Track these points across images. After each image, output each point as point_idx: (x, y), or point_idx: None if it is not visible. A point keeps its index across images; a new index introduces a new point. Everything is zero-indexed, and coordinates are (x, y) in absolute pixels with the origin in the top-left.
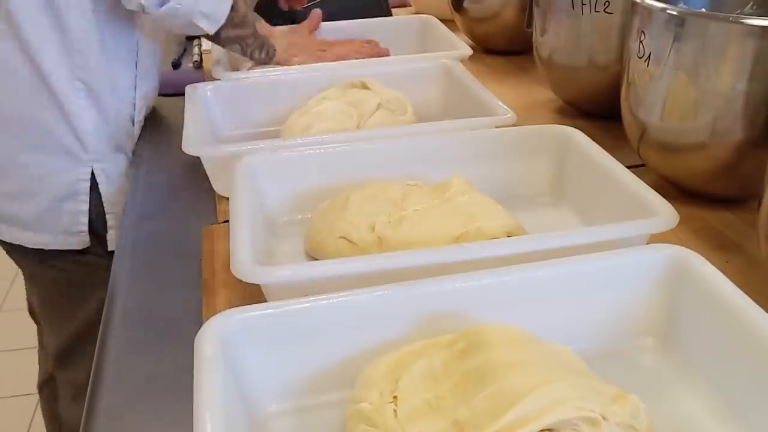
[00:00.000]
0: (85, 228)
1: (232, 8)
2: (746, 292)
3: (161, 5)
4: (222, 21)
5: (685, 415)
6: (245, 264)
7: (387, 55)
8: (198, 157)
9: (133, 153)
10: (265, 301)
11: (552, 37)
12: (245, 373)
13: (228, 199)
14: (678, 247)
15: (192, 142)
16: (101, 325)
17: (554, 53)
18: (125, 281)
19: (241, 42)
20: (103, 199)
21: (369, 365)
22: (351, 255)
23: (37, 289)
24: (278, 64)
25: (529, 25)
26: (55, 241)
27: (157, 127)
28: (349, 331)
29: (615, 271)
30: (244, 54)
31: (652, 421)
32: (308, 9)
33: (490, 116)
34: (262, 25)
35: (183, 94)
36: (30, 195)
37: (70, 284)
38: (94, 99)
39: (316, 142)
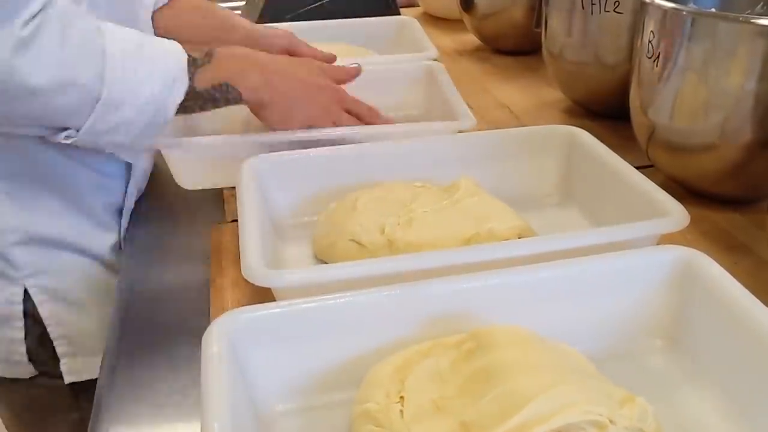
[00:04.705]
0: (24, 358)
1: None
2: (755, 294)
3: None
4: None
5: (693, 417)
6: (257, 268)
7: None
8: None
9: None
10: (273, 300)
11: (561, 37)
12: (252, 372)
13: (226, 196)
14: (687, 248)
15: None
16: (110, 325)
17: (563, 53)
18: (133, 280)
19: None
20: (47, 323)
21: (376, 365)
22: (361, 257)
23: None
24: (254, 112)
25: (538, 24)
26: None
27: None
28: (356, 330)
29: (624, 273)
30: (203, 110)
31: (660, 424)
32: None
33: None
34: (232, 53)
35: None
36: None
37: (28, 409)
38: (23, 206)
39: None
